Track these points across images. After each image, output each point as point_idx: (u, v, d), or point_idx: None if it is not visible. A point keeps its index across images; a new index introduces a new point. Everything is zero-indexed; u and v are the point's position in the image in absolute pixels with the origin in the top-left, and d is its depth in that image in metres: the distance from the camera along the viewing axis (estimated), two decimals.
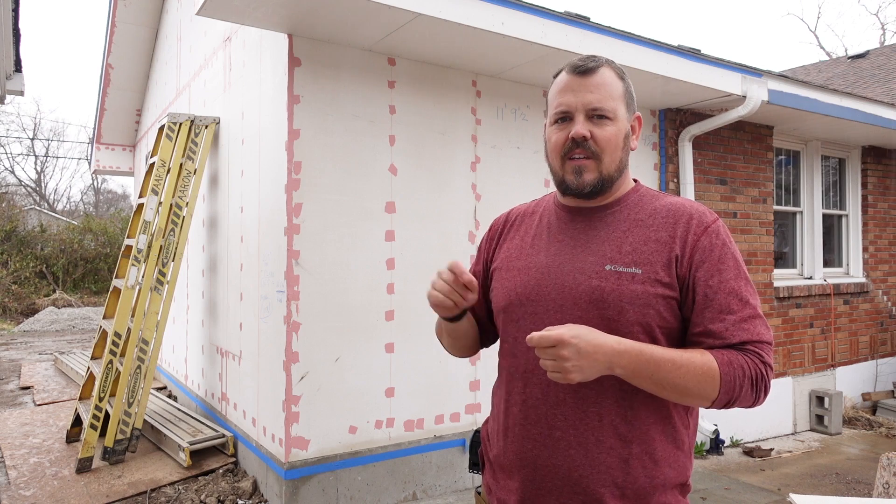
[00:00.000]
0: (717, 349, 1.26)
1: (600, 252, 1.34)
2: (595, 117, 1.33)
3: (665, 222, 1.33)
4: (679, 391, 1.22)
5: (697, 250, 1.29)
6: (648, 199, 1.40)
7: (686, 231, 1.31)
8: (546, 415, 1.33)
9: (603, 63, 1.36)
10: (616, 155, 1.35)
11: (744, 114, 4.88)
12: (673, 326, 1.30)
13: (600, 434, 1.28)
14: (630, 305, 1.27)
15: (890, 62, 10.20)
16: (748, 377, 1.23)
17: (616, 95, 1.35)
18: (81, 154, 30.99)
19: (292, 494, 3.58)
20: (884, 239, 7.06)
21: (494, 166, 4.40)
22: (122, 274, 4.93)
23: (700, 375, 1.21)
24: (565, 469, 1.30)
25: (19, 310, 14.87)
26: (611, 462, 1.28)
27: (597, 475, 1.28)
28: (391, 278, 3.95)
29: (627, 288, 1.28)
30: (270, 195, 3.91)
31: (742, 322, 1.27)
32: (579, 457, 1.29)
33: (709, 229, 1.31)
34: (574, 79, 1.35)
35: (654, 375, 1.21)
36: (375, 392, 3.87)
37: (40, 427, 5.36)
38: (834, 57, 19.71)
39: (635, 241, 1.32)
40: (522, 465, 1.36)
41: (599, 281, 1.30)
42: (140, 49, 7.78)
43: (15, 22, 4.41)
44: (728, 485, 4.46)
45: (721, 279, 1.28)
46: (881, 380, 6.92)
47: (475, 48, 3.84)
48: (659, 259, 1.29)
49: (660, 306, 1.28)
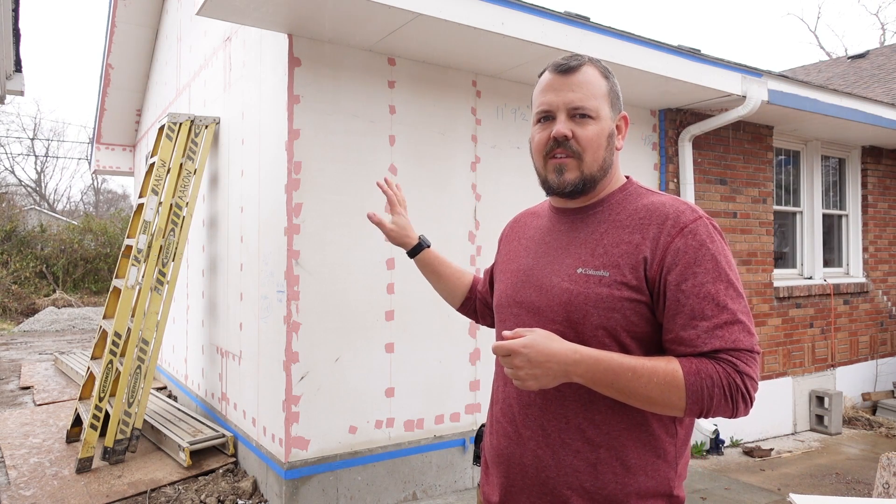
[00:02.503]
0: (687, 357, 1.20)
1: (576, 255, 1.33)
2: (577, 116, 1.31)
3: (640, 223, 1.28)
4: (642, 400, 1.18)
5: (669, 252, 1.22)
6: (633, 199, 1.35)
7: (658, 232, 1.25)
8: (518, 414, 1.35)
9: (586, 61, 1.34)
10: (598, 154, 1.32)
11: (744, 114, 4.88)
12: (644, 331, 1.25)
13: (566, 436, 1.28)
14: (594, 309, 1.25)
15: (890, 62, 10.20)
16: (718, 387, 1.15)
17: (599, 94, 1.32)
18: (81, 154, 31.03)
19: (292, 494, 3.58)
20: (884, 239, 7.06)
21: (494, 166, 4.40)
22: (122, 274, 4.93)
23: (663, 385, 1.16)
24: (533, 468, 1.32)
25: (19, 310, 14.87)
26: (578, 465, 1.27)
27: (563, 477, 1.28)
28: (391, 278, 3.95)
29: (593, 291, 1.25)
30: (270, 195, 3.91)
31: (716, 329, 1.18)
32: (546, 457, 1.30)
33: (685, 230, 1.23)
34: (556, 78, 1.35)
35: (614, 384, 1.17)
36: (375, 392, 3.87)
37: (40, 427, 5.36)
38: (834, 57, 19.71)
39: (608, 243, 1.30)
40: (499, 462, 1.40)
41: (570, 284, 1.30)
42: (140, 49, 7.78)
43: (15, 22, 4.41)
44: (728, 485, 4.46)
45: (695, 283, 1.20)
46: (881, 380, 6.92)
47: (475, 48, 3.84)
48: (627, 262, 1.25)
49: (626, 310, 1.23)
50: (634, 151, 5.12)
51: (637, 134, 5.14)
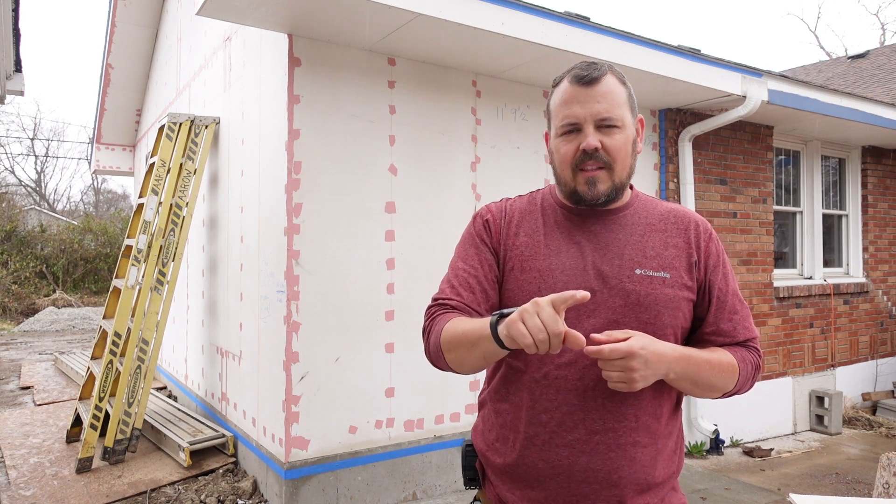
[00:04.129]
0: (726, 346, 1.39)
1: (625, 255, 1.36)
2: (604, 127, 1.33)
3: (676, 228, 1.42)
4: (708, 388, 1.34)
5: (710, 255, 1.40)
6: (649, 203, 1.46)
7: (697, 237, 1.41)
8: (584, 419, 1.31)
9: (606, 71, 1.35)
10: (626, 162, 1.37)
11: (744, 114, 4.88)
12: (687, 326, 1.40)
13: (637, 435, 1.32)
14: (665, 309, 1.33)
15: (890, 62, 10.20)
16: (753, 368, 1.40)
17: (622, 102, 1.35)
18: (81, 154, 31.01)
19: (292, 494, 3.58)
20: (884, 239, 7.06)
21: (494, 166, 4.40)
22: (122, 274, 4.93)
23: (727, 374, 1.34)
24: (605, 473, 1.30)
25: (19, 310, 14.87)
26: (644, 459, 1.33)
27: (633, 474, 1.32)
28: (391, 278, 3.95)
29: (661, 292, 1.33)
30: (270, 195, 3.91)
31: (744, 321, 1.41)
32: (617, 458, 1.31)
33: (712, 235, 1.43)
34: (579, 89, 1.34)
35: (696, 377, 1.30)
36: (375, 392, 3.87)
37: (40, 427, 5.36)
38: (834, 57, 19.71)
39: (656, 245, 1.38)
40: (556, 473, 1.32)
41: (633, 285, 1.33)
42: (140, 49, 7.78)
43: (15, 22, 4.41)
44: (728, 485, 4.46)
45: (726, 282, 1.41)
46: (881, 380, 6.92)
47: (475, 48, 3.84)
48: (681, 264, 1.37)
49: (684, 309, 1.36)
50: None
51: None
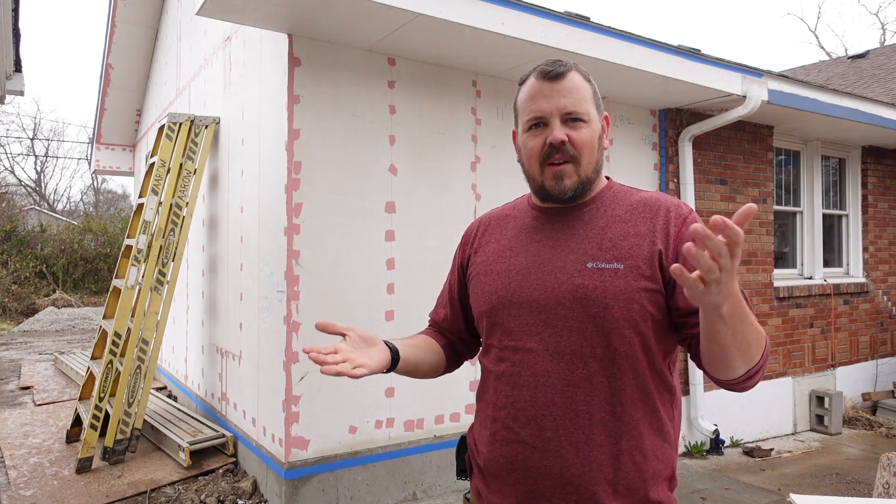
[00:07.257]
0: None
1: (580, 250, 1.35)
2: (570, 121, 1.35)
3: (643, 216, 1.35)
4: (743, 344, 1.15)
5: (680, 241, 1.30)
6: (623, 196, 1.42)
7: (666, 223, 1.32)
8: (537, 416, 1.32)
9: (571, 67, 1.38)
10: (593, 156, 1.37)
11: (744, 114, 4.88)
12: (658, 319, 1.30)
13: (590, 432, 1.29)
14: (614, 301, 1.28)
15: (890, 62, 10.20)
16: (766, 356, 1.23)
17: (587, 98, 1.37)
18: (81, 154, 31.01)
19: (292, 494, 3.58)
20: (884, 239, 7.06)
21: (494, 166, 4.40)
22: (122, 274, 4.93)
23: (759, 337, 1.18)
24: (557, 470, 1.29)
25: (19, 310, 14.87)
26: (601, 459, 1.28)
27: (588, 473, 1.28)
28: (391, 278, 3.95)
29: (611, 284, 1.29)
30: (270, 195, 3.91)
31: None
32: (570, 456, 1.29)
33: (687, 220, 1.33)
34: (545, 84, 1.36)
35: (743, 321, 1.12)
36: (375, 392, 3.87)
37: (40, 427, 5.36)
38: (834, 57, 19.71)
39: (615, 236, 1.34)
40: (512, 470, 1.34)
41: (582, 279, 1.31)
42: (140, 49, 7.78)
43: (15, 22, 4.41)
44: (728, 485, 4.46)
45: None
46: (881, 380, 6.92)
47: (475, 48, 3.84)
48: (640, 253, 1.30)
49: (643, 300, 1.28)
50: (634, 151, 5.12)
51: (637, 134, 5.14)
